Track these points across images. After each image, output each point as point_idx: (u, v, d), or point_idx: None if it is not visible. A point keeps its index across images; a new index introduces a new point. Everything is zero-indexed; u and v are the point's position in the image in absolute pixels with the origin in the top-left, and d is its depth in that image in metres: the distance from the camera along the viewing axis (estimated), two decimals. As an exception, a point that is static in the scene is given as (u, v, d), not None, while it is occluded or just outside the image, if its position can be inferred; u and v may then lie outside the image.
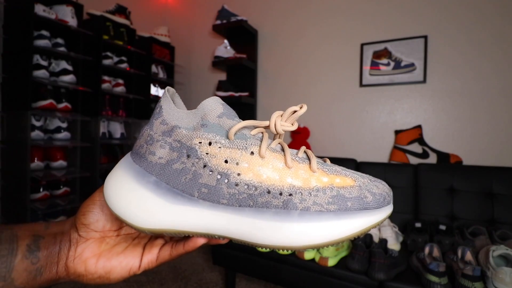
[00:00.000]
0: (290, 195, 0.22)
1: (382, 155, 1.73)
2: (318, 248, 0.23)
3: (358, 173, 0.25)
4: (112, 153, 2.01)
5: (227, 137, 0.24)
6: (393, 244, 1.19)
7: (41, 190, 1.56)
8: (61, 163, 1.64)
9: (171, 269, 1.69)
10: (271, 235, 0.22)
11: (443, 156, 1.53)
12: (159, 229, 0.23)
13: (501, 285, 0.84)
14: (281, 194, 0.22)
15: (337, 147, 1.85)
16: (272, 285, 1.55)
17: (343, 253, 1.17)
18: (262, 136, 0.25)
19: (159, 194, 0.23)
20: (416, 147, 1.60)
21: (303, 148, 0.26)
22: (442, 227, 1.25)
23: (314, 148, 1.90)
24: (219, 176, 0.23)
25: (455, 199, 1.36)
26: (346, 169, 0.25)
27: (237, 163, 0.23)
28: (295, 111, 0.24)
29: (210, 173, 0.23)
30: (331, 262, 1.10)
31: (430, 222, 1.33)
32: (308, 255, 1.15)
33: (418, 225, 1.30)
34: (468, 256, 0.96)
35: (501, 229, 1.15)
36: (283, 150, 0.25)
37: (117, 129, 1.97)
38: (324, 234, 0.21)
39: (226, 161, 0.23)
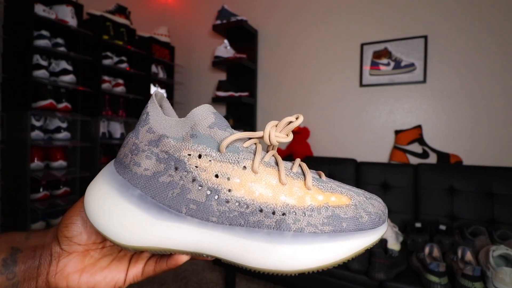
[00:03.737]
0: (284, 214, 0.21)
1: (382, 155, 1.73)
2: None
3: (354, 189, 0.24)
4: (112, 153, 2.01)
5: (219, 150, 0.22)
6: (393, 244, 1.19)
7: (41, 190, 1.56)
8: (61, 163, 1.63)
9: (171, 269, 1.69)
10: (262, 258, 0.21)
11: (443, 156, 1.53)
12: (143, 247, 0.22)
13: (501, 285, 0.84)
14: (274, 213, 0.21)
15: (337, 147, 1.85)
16: (271, 285, 1.55)
17: (343, 253, 1.17)
18: (256, 148, 0.24)
19: (144, 209, 0.22)
20: (416, 147, 1.60)
21: (297, 161, 0.25)
22: (442, 227, 1.25)
23: (314, 148, 1.91)
24: (208, 192, 0.21)
25: (455, 199, 1.36)
26: (342, 184, 0.24)
27: (228, 178, 0.22)
28: (290, 122, 0.23)
29: (200, 188, 0.22)
30: (331, 262, 1.10)
31: (430, 222, 1.33)
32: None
33: (418, 225, 1.30)
34: (468, 256, 0.96)
35: (501, 229, 1.15)
36: (277, 164, 0.23)
37: (117, 129, 1.97)
38: (317, 258, 0.20)
39: (216, 176, 0.22)
